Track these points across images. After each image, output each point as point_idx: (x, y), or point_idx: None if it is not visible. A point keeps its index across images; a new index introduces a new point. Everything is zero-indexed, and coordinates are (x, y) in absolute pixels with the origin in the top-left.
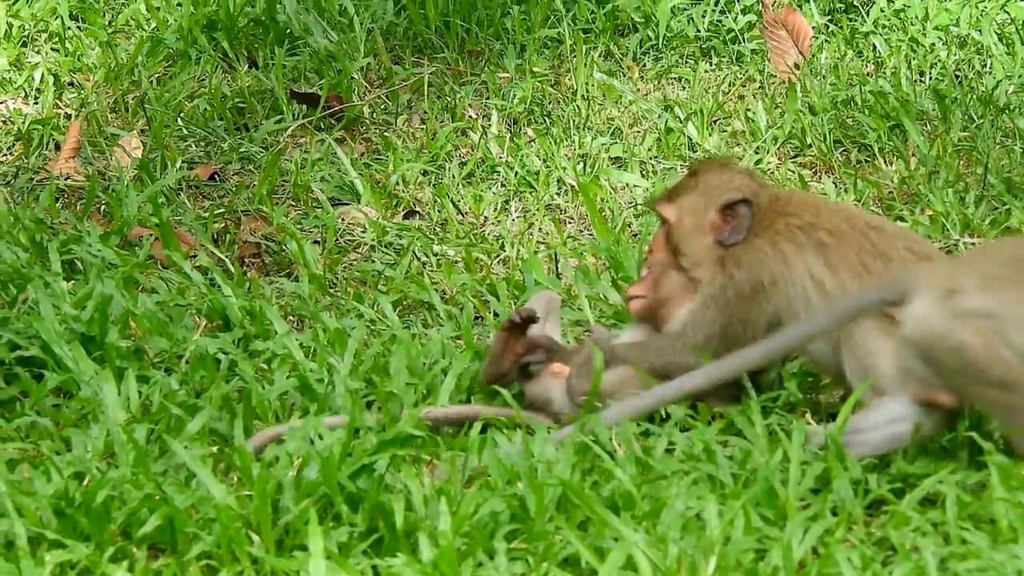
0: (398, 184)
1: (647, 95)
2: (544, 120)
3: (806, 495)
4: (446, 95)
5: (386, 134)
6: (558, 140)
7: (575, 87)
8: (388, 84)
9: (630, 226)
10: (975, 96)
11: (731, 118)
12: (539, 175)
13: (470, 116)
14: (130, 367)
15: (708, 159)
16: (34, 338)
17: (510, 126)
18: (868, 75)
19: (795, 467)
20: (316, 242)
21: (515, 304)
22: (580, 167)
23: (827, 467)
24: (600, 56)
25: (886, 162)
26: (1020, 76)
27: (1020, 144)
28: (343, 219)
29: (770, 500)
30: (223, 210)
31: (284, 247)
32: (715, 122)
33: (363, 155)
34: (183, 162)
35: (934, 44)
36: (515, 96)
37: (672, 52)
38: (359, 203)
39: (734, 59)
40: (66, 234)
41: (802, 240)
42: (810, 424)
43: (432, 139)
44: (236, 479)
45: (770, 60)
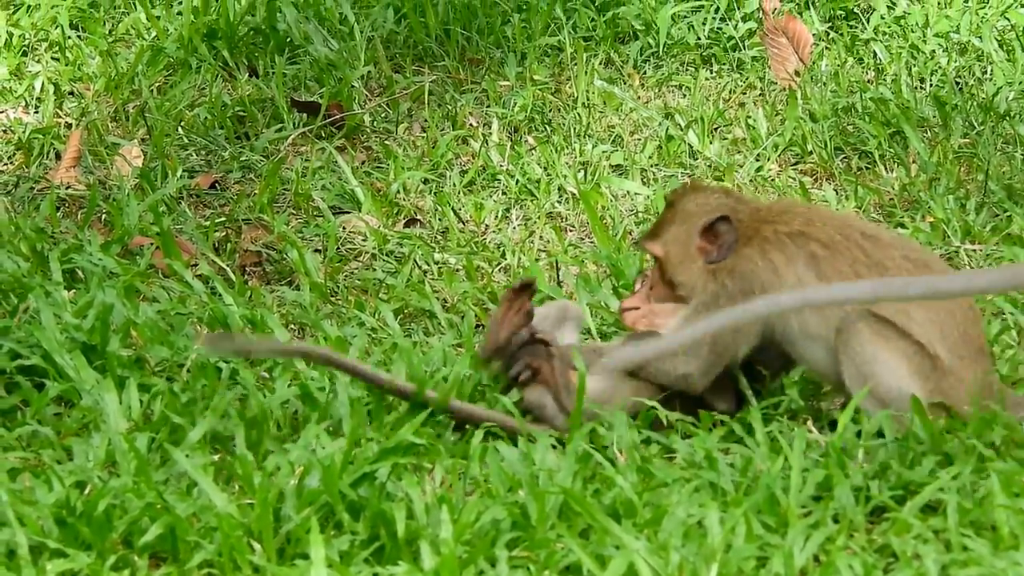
0: (399, 192)
1: (648, 103)
2: (545, 128)
3: (807, 502)
4: (447, 103)
5: (387, 142)
6: (559, 148)
7: (576, 95)
8: (389, 92)
9: (631, 234)
10: (976, 103)
11: (732, 125)
12: (540, 183)
13: (471, 124)
14: (131, 376)
15: (681, 186)
16: (35, 347)
17: (511, 134)
18: (868, 82)
19: (796, 474)
20: (317, 251)
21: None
22: (581, 175)
23: (828, 474)
24: (601, 64)
25: (887, 169)
26: (1021, 83)
27: (1021, 151)
28: (344, 227)
29: (771, 507)
30: (224, 219)
31: (285, 256)
32: (716, 129)
33: (364, 163)
34: (184, 171)
35: (934, 51)
36: (516, 104)
37: (673, 59)
38: (360, 211)
39: (735, 66)
40: (67, 243)
41: (792, 251)
42: (811, 432)
43: (433, 147)
44: (238, 488)
45: (771, 67)
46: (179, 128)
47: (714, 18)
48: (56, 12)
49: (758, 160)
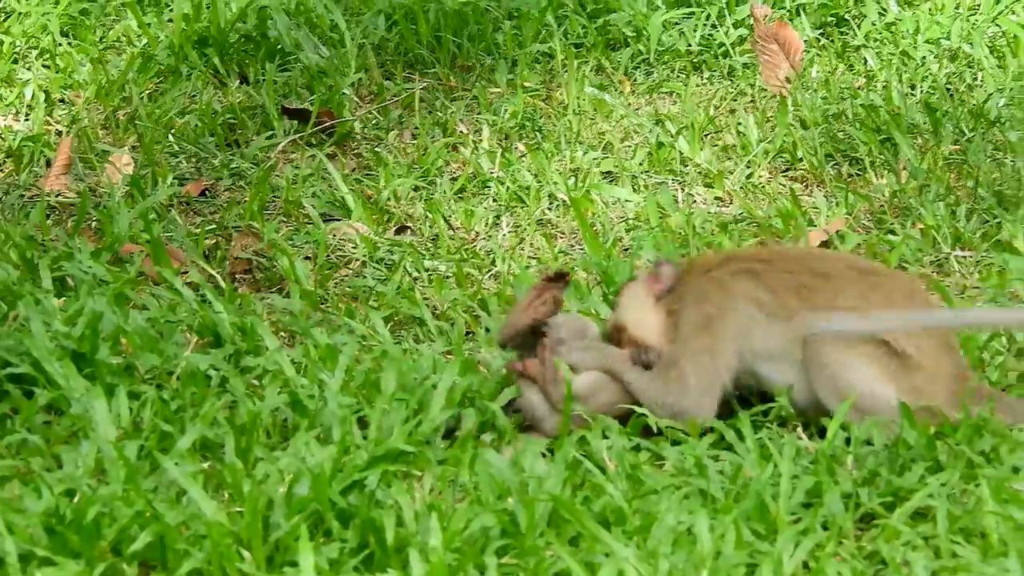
0: (389, 199)
1: (638, 109)
2: (535, 135)
3: (797, 509)
4: (437, 110)
5: (377, 149)
6: (549, 155)
7: (566, 102)
8: (379, 99)
9: (621, 241)
10: (966, 109)
11: (722, 132)
12: (530, 190)
13: (461, 131)
14: (121, 384)
15: None
16: (25, 355)
17: (501, 141)
18: (859, 89)
19: (786, 481)
20: (307, 258)
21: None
22: (571, 182)
23: (818, 481)
24: (591, 70)
25: (877, 176)
26: (1011, 89)
27: (1011, 157)
28: (334, 235)
29: (761, 514)
30: (214, 226)
31: (275, 263)
32: (706, 136)
33: (354, 171)
34: (174, 178)
35: (925, 57)
36: (506, 111)
37: (663, 66)
38: (350, 219)
39: (725, 73)
40: (57, 251)
41: (734, 270)
42: (801, 439)
43: (423, 154)
44: (227, 495)
45: (761, 74)
46: (169, 135)
47: (705, 25)
48: (47, 19)
49: (748, 167)
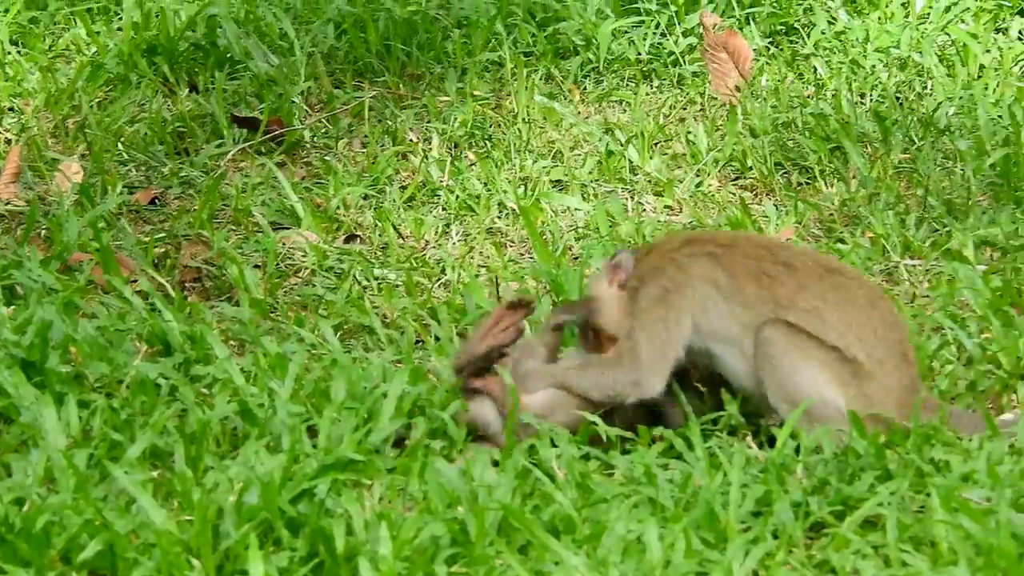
0: (339, 208)
1: (588, 118)
2: (485, 143)
3: (747, 518)
4: (387, 119)
5: (327, 158)
6: (499, 163)
7: (516, 110)
8: (329, 108)
9: (571, 249)
10: (916, 118)
11: (672, 141)
12: (480, 198)
13: (411, 140)
14: (70, 392)
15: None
16: None
17: (451, 149)
18: (809, 97)
19: (736, 490)
20: (257, 266)
21: (456, 327)
22: (521, 190)
23: (767, 490)
24: (541, 79)
25: (827, 184)
26: (961, 98)
27: (961, 166)
28: (284, 243)
29: (710, 523)
30: (163, 235)
31: (225, 271)
32: (656, 145)
33: (304, 179)
34: (123, 187)
35: (875, 66)
36: (456, 119)
37: (613, 75)
38: (300, 227)
39: (675, 82)
40: (6, 259)
41: (692, 253)
42: (750, 448)
43: (373, 163)
44: (176, 504)
45: (711, 83)
46: (119, 144)
47: (654, 33)
48: None
49: (698, 176)
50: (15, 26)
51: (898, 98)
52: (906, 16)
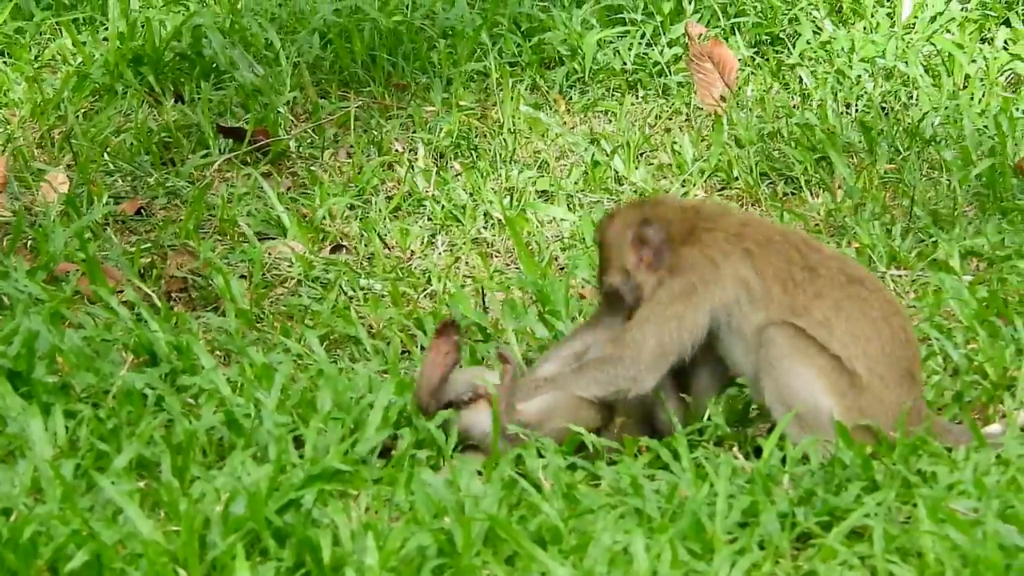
0: (325, 218)
1: (573, 128)
2: (471, 153)
3: (733, 529)
4: (372, 129)
5: (312, 168)
6: (485, 173)
7: (502, 120)
8: (314, 118)
9: (557, 259)
10: (901, 128)
11: (657, 151)
12: (466, 209)
13: (396, 150)
14: (57, 402)
15: (601, 218)
16: None
17: (436, 160)
18: (794, 107)
19: (722, 501)
20: (243, 277)
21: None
22: (507, 200)
23: (754, 501)
24: (526, 89)
25: (812, 194)
26: (946, 108)
27: (946, 176)
28: (270, 253)
29: (697, 534)
30: (149, 245)
31: (211, 282)
32: (641, 155)
33: (289, 189)
34: (109, 197)
35: (860, 76)
36: (441, 130)
37: (598, 85)
38: (286, 237)
39: (660, 92)
40: None
41: (728, 249)
42: (737, 459)
43: (358, 173)
44: (163, 514)
45: (696, 93)
46: (105, 154)
47: (640, 44)
48: None
49: (684, 186)
50: (0, 36)
51: (884, 108)
52: (892, 26)
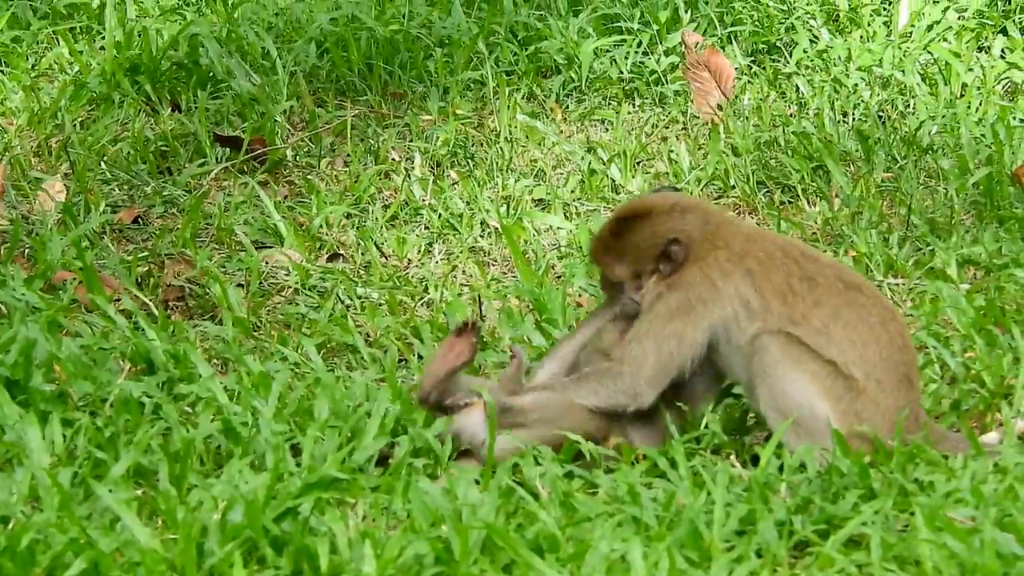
0: (321, 227)
1: (570, 137)
2: (467, 162)
3: (731, 537)
4: (369, 138)
5: (309, 177)
6: (481, 182)
7: (498, 129)
8: (311, 127)
9: (554, 268)
10: (898, 137)
11: (654, 159)
12: (462, 217)
13: (393, 159)
14: (54, 411)
15: (631, 212)
16: None
17: (433, 168)
18: (791, 116)
19: (719, 509)
20: (240, 285)
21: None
22: (503, 209)
23: (751, 509)
24: (523, 98)
25: (809, 203)
26: (943, 116)
27: (943, 185)
28: (267, 262)
29: (694, 542)
30: (147, 253)
31: (208, 290)
32: (638, 164)
33: (286, 198)
34: (107, 206)
35: (857, 85)
36: (438, 138)
37: (595, 94)
38: (283, 246)
39: (657, 100)
40: None
41: (730, 269)
42: (734, 467)
43: (355, 182)
44: (161, 522)
45: (693, 101)
46: (102, 163)
47: (636, 52)
48: None
49: None
50: None
51: (880, 117)
52: (888, 35)
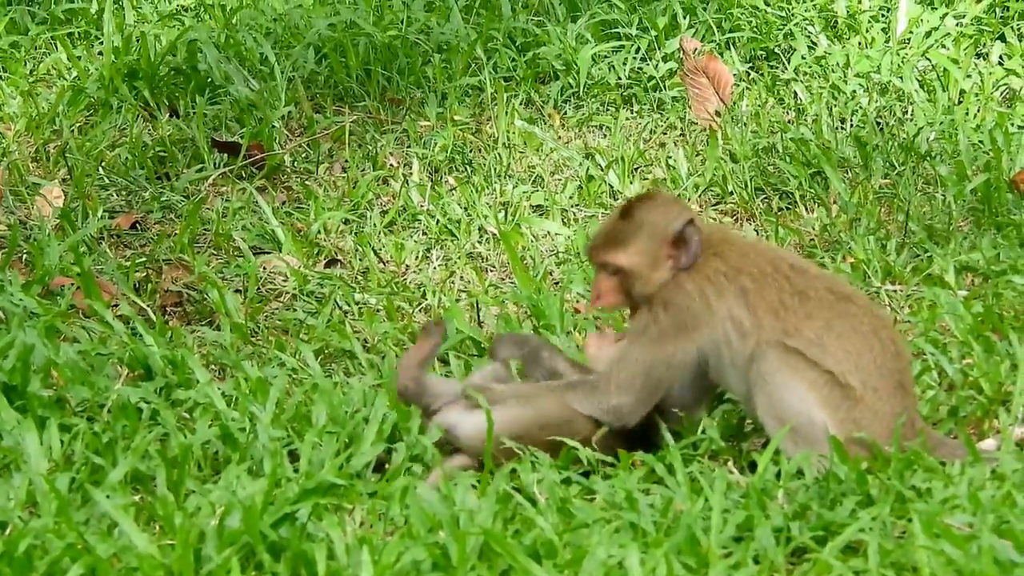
0: (319, 233)
1: (568, 143)
2: (465, 168)
3: (728, 543)
4: (367, 143)
5: (307, 182)
6: (479, 188)
7: (496, 135)
8: (309, 132)
9: (551, 274)
10: (896, 143)
11: (652, 165)
12: (460, 223)
13: (391, 164)
14: (52, 416)
15: (637, 198)
16: None
17: (431, 174)
18: (789, 122)
19: (717, 515)
20: (238, 291)
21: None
22: (501, 215)
23: (749, 515)
24: (521, 104)
25: (807, 209)
26: (941, 123)
27: (941, 191)
28: (264, 268)
29: (692, 548)
30: (144, 259)
31: (206, 296)
32: (636, 170)
33: (284, 204)
34: (104, 211)
35: (855, 91)
36: (436, 144)
37: (593, 100)
38: (280, 252)
39: (655, 106)
40: None
41: (725, 286)
42: (732, 473)
43: (353, 187)
44: (159, 528)
45: (691, 107)
46: (100, 168)
47: (635, 58)
48: None
49: None
50: None
51: (879, 123)
52: (886, 41)
